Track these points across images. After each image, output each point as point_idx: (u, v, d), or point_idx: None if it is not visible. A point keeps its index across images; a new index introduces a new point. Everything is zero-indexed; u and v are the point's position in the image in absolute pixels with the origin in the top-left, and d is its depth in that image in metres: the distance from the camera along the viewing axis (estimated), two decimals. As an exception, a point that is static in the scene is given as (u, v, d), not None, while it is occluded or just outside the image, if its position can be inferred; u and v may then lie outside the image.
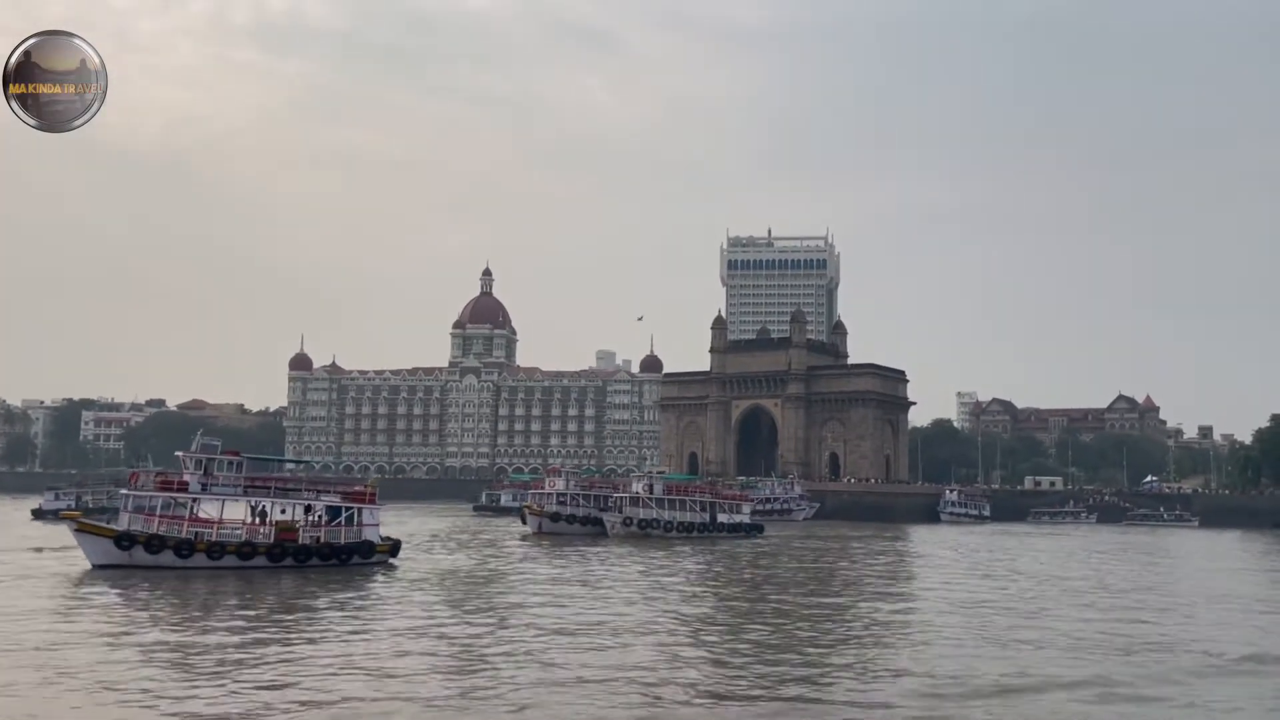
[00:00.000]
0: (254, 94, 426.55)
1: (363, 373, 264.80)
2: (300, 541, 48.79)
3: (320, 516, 50.61)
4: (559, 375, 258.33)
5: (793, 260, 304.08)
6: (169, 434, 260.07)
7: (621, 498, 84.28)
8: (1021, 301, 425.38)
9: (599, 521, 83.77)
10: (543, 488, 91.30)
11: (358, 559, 50.35)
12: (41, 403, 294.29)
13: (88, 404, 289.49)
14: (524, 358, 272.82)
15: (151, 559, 45.48)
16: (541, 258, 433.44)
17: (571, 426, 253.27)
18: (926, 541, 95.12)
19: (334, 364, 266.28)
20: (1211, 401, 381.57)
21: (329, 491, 53.36)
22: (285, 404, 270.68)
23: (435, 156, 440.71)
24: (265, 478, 51.81)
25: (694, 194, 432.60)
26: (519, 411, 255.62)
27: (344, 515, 51.08)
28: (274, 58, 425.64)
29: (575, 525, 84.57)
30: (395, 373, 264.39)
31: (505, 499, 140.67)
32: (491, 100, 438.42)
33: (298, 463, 53.59)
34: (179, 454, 50.04)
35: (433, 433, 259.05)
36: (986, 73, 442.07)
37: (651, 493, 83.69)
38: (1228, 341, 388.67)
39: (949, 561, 69.30)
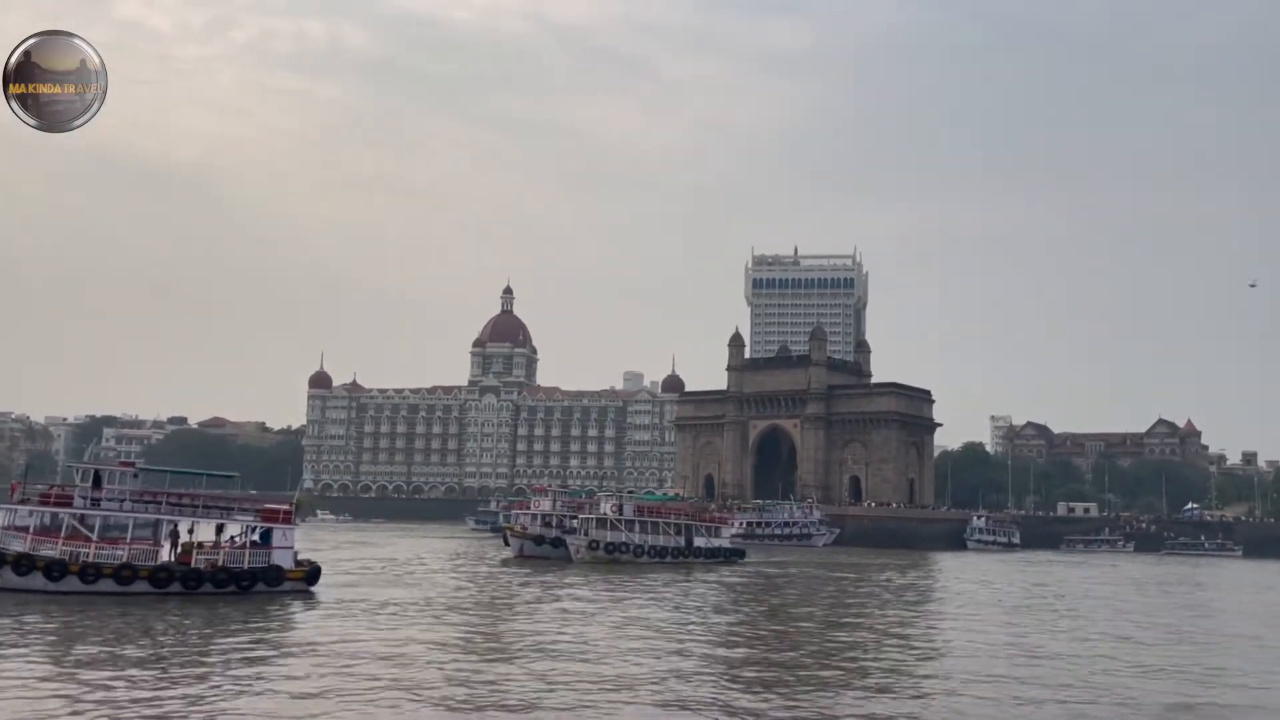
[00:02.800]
0: (292, 120, 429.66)
1: (382, 391, 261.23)
2: (193, 565, 43.31)
3: (233, 537, 45.22)
4: (579, 395, 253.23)
5: (819, 279, 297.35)
6: (189, 452, 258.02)
7: (588, 519, 77.84)
8: (1059, 323, 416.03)
9: None
10: (527, 508, 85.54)
11: (262, 586, 44.61)
12: (64, 419, 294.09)
13: (109, 421, 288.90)
14: (548, 378, 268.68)
15: (21, 581, 40.51)
16: (567, 278, 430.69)
17: (591, 447, 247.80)
18: (949, 572, 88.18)
19: (354, 382, 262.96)
20: (1256, 426, 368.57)
21: (234, 508, 47.32)
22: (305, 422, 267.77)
23: (467, 181, 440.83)
24: (164, 492, 46.43)
25: (722, 216, 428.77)
26: (538, 431, 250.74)
27: (250, 536, 45.57)
28: (313, 84, 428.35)
29: (561, 549, 78.83)
30: (415, 391, 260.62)
31: None
32: (525, 126, 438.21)
33: (216, 476, 47.84)
34: (69, 464, 45.31)
35: (451, 452, 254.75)
36: (1020, 93, 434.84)
37: (621, 514, 77.42)
38: (1273, 364, 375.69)
39: (973, 602, 62.02)
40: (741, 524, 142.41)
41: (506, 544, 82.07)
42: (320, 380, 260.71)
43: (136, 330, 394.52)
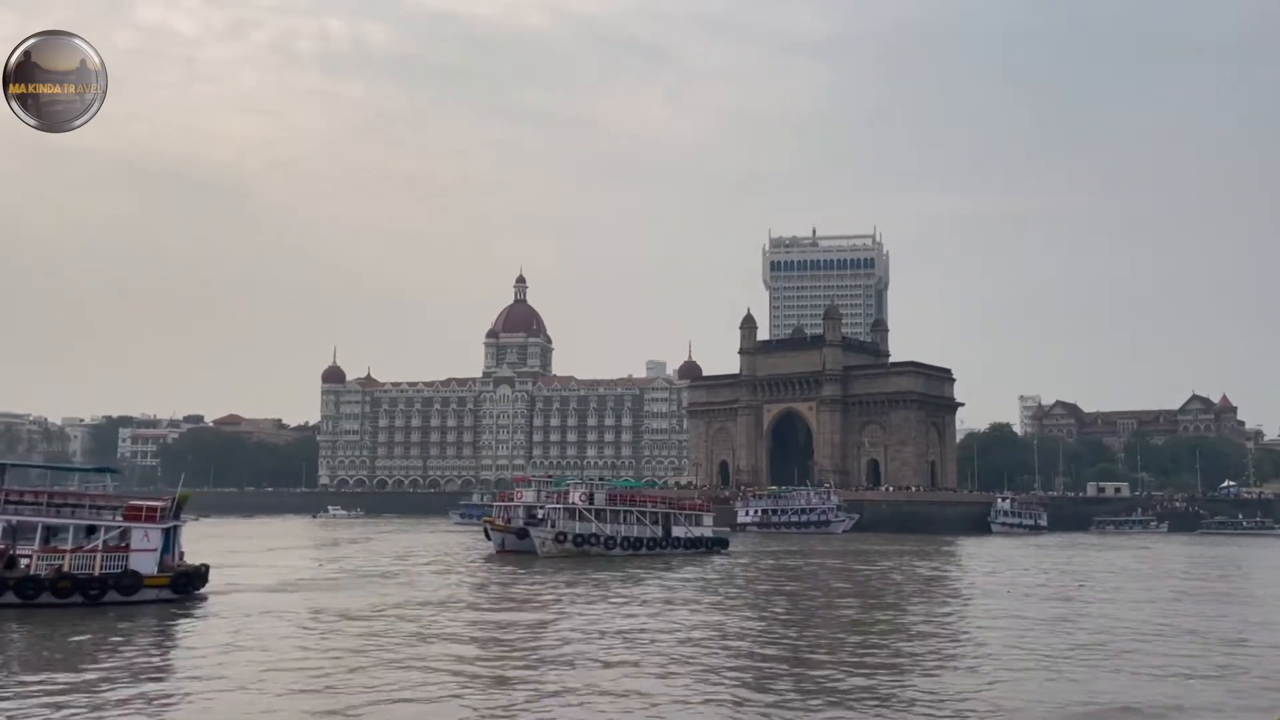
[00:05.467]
0: (317, 119, 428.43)
1: (395, 385, 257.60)
2: (32, 571, 38.24)
3: (102, 539, 39.84)
4: (595, 384, 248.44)
5: (838, 260, 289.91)
6: (204, 450, 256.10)
7: (555, 509, 72.01)
8: (1089, 302, 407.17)
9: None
10: (510, 499, 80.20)
11: (116, 595, 39.24)
12: (81, 420, 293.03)
13: (126, 421, 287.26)
14: (570, 368, 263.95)
15: None
16: (590, 268, 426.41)
17: (609, 436, 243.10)
18: (964, 561, 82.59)
19: (368, 376, 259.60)
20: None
21: (85, 506, 41.64)
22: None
23: (488, 175, 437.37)
24: (27, 491, 41.62)
25: (744, 202, 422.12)
26: (554, 422, 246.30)
27: (102, 538, 40.25)
28: (337, 83, 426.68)
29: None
30: (429, 384, 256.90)
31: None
32: (550, 120, 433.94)
33: (92, 470, 43.01)
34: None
35: (467, 445, 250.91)
36: (1043, 73, 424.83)
37: (591, 503, 71.95)
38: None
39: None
40: (756, 511, 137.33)
41: (488, 538, 77.13)
42: (333, 375, 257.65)
43: (154, 330, 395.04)
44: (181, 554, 42.46)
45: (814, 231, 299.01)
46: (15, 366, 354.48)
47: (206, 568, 43.58)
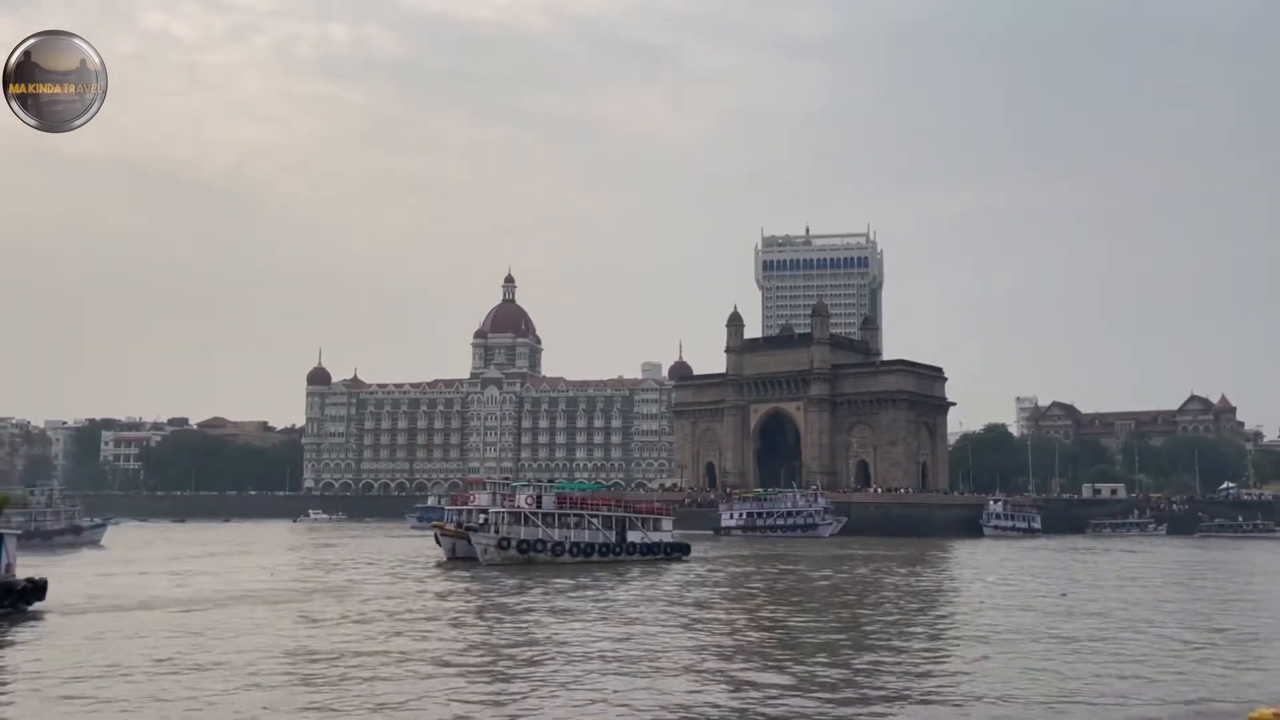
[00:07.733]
0: (320, 125, 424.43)
1: (382, 386, 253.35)
2: None
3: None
4: (584, 385, 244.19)
5: (832, 259, 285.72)
6: (187, 453, 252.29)
7: (499, 513, 67.19)
8: (1087, 302, 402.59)
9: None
10: (464, 503, 75.70)
11: None
12: (64, 423, 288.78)
13: (109, 424, 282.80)
14: (560, 368, 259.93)
15: None
16: (584, 269, 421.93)
17: (598, 438, 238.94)
18: (959, 564, 78.25)
19: (354, 378, 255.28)
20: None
21: None
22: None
23: (493, 178, 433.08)
24: None
25: (740, 201, 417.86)
26: (543, 423, 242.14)
27: None
28: (339, 88, 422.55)
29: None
30: (415, 386, 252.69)
31: None
32: (551, 121, 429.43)
33: None
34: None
35: (454, 447, 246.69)
36: (1042, 73, 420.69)
37: (539, 506, 67.54)
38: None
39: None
40: (741, 514, 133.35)
41: (438, 544, 72.81)
42: (318, 377, 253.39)
43: (138, 333, 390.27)
44: (9, 566, 37.92)
45: (807, 230, 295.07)
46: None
47: (33, 584, 38.55)
